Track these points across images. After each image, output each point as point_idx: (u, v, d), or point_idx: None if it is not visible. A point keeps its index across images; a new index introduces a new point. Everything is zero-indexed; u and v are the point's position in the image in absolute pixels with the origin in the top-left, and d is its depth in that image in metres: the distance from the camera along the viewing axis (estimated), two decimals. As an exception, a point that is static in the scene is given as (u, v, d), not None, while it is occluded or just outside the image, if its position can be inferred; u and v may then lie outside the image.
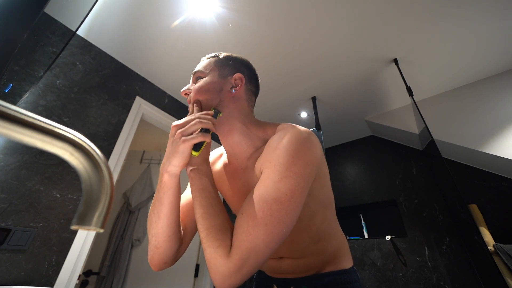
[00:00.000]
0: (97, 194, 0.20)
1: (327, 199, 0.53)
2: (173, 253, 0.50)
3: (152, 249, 0.49)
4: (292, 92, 2.00)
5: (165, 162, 0.46)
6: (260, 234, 0.36)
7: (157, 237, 0.48)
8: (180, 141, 0.44)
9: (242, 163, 0.55)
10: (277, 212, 0.37)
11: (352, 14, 1.38)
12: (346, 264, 0.55)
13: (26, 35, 0.62)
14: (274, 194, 0.39)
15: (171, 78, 1.84)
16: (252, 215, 0.38)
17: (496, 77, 1.78)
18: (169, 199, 0.47)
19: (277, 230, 0.37)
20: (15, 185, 1.05)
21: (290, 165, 0.41)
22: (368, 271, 1.91)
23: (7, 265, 0.96)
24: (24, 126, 0.17)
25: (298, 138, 0.44)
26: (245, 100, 0.56)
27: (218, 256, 0.37)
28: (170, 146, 0.45)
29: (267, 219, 0.37)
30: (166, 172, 0.46)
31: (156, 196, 0.49)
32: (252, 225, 0.37)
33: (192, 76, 0.57)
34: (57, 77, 1.32)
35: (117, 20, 1.41)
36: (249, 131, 0.54)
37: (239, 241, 0.37)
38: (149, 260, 0.51)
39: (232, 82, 0.55)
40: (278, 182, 0.39)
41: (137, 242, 1.94)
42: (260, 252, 0.36)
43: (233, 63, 0.57)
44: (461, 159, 1.84)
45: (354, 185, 2.41)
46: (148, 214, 0.51)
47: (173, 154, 0.44)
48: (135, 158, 2.32)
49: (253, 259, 0.36)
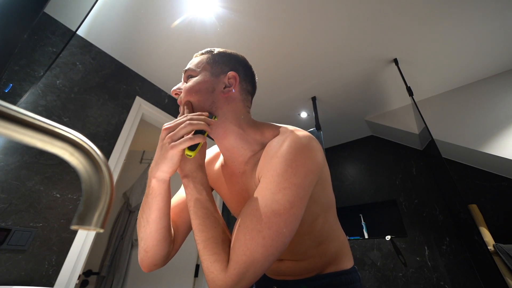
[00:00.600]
0: (97, 194, 0.20)
1: (329, 202, 0.52)
2: (163, 256, 0.49)
3: (142, 252, 0.48)
4: (292, 92, 2.00)
5: (153, 166, 0.43)
6: (258, 248, 0.35)
7: (146, 241, 0.47)
8: (168, 147, 0.41)
9: (239, 167, 0.53)
10: (276, 225, 0.36)
11: (352, 14, 1.38)
12: (347, 265, 0.54)
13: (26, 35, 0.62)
14: (273, 206, 0.37)
15: (171, 78, 1.84)
16: (249, 228, 0.37)
17: (496, 77, 1.78)
18: (158, 205, 0.45)
19: (276, 243, 0.36)
20: (15, 185, 1.05)
21: (289, 175, 0.39)
22: (368, 271, 1.91)
23: (7, 265, 0.96)
24: (24, 126, 0.17)
25: (298, 145, 0.42)
26: (240, 100, 0.53)
27: (215, 270, 0.36)
28: (159, 150, 0.43)
29: (265, 232, 0.36)
30: (154, 178, 0.44)
31: (144, 200, 0.46)
32: (249, 239, 0.36)
33: (183, 74, 0.53)
34: (57, 77, 1.32)
35: (117, 20, 1.41)
36: (245, 134, 0.51)
37: (237, 255, 0.36)
38: (139, 262, 0.49)
39: (225, 82, 0.51)
40: (277, 194, 0.38)
41: (137, 242, 1.94)
42: (258, 266, 0.35)
43: (227, 60, 0.53)
44: (461, 159, 1.84)
45: (354, 185, 2.41)
46: (138, 217, 0.49)
47: (162, 160, 0.42)
48: (135, 158, 2.32)
49: (251, 273, 0.35)
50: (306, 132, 0.46)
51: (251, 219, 0.38)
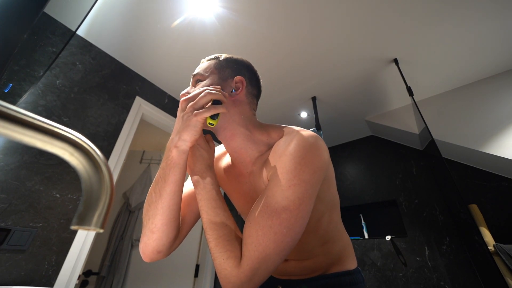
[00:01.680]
0: (97, 194, 0.20)
1: (333, 201, 0.53)
2: (168, 241, 0.47)
3: (147, 234, 0.46)
4: (292, 92, 2.00)
5: (174, 137, 0.44)
6: (270, 243, 0.36)
7: (154, 220, 0.45)
8: (192, 115, 0.42)
9: (247, 167, 0.54)
10: (287, 221, 0.37)
11: (352, 14, 1.38)
12: (351, 265, 0.55)
13: (26, 35, 0.62)
14: (283, 203, 0.38)
15: (171, 78, 1.84)
16: (261, 225, 0.38)
17: (496, 77, 1.78)
18: (175, 177, 0.44)
19: (287, 238, 0.37)
20: (15, 185, 1.05)
21: (298, 172, 0.40)
22: (368, 271, 1.91)
23: (7, 265, 0.96)
24: (24, 126, 0.17)
25: (305, 144, 0.43)
26: (247, 103, 0.55)
27: (228, 267, 0.37)
28: (180, 120, 0.44)
29: (277, 228, 0.37)
30: (175, 148, 0.44)
31: (159, 173, 0.46)
32: (261, 235, 0.37)
33: (192, 79, 0.55)
34: (57, 77, 1.32)
35: (117, 20, 1.41)
36: (252, 135, 0.52)
37: (249, 251, 0.37)
38: (141, 249, 0.47)
39: (232, 85, 0.53)
40: (286, 190, 0.39)
41: (137, 242, 1.94)
42: (270, 262, 0.36)
43: (234, 66, 0.56)
44: (461, 159, 1.84)
45: (354, 185, 2.41)
46: (148, 194, 0.47)
47: (185, 128, 0.43)
48: (135, 158, 2.32)
49: (264, 268, 0.36)
50: (311, 132, 0.48)
51: (262, 215, 0.39)
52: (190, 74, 0.59)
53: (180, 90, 1.95)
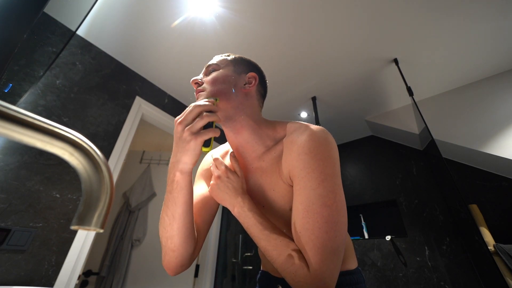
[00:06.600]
0: (97, 194, 0.20)
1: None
2: (189, 255, 0.49)
3: (169, 253, 0.48)
4: (292, 92, 2.00)
5: (174, 161, 0.45)
6: (326, 242, 0.38)
7: (172, 240, 0.47)
8: (189, 139, 0.43)
9: (253, 163, 0.55)
10: (330, 216, 0.39)
11: (352, 15, 1.37)
12: (351, 265, 0.55)
13: (26, 35, 0.62)
14: (319, 201, 0.40)
15: (171, 78, 1.84)
16: (310, 229, 0.39)
17: (496, 77, 1.78)
18: (184, 198, 0.46)
19: (338, 233, 0.39)
20: (15, 185, 1.05)
21: (323, 168, 0.42)
22: (368, 271, 1.91)
23: (7, 265, 0.96)
24: (24, 126, 0.17)
25: (320, 139, 0.45)
26: (256, 99, 0.58)
27: (301, 279, 0.38)
28: (178, 144, 0.44)
29: (324, 227, 0.38)
30: (178, 171, 0.45)
31: (168, 197, 0.47)
32: (316, 238, 0.38)
33: (205, 69, 0.57)
34: (57, 77, 1.32)
35: (117, 20, 1.41)
36: (260, 129, 0.54)
37: (313, 257, 0.38)
38: (165, 265, 0.49)
39: (245, 80, 0.56)
40: (317, 188, 0.40)
41: (137, 242, 1.94)
42: (335, 259, 0.38)
43: (247, 63, 0.59)
44: (461, 159, 1.84)
45: (354, 185, 2.40)
46: (160, 218, 0.49)
47: (184, 153, 0.43)
48: (135, 158, 2.32)
49: (332, 266, 0.37)
50: (319, 126, 0.49)
51: (307, 220, 0.40)
52: (190, 74, 0.60)
53: (180, 90, 1.95)
